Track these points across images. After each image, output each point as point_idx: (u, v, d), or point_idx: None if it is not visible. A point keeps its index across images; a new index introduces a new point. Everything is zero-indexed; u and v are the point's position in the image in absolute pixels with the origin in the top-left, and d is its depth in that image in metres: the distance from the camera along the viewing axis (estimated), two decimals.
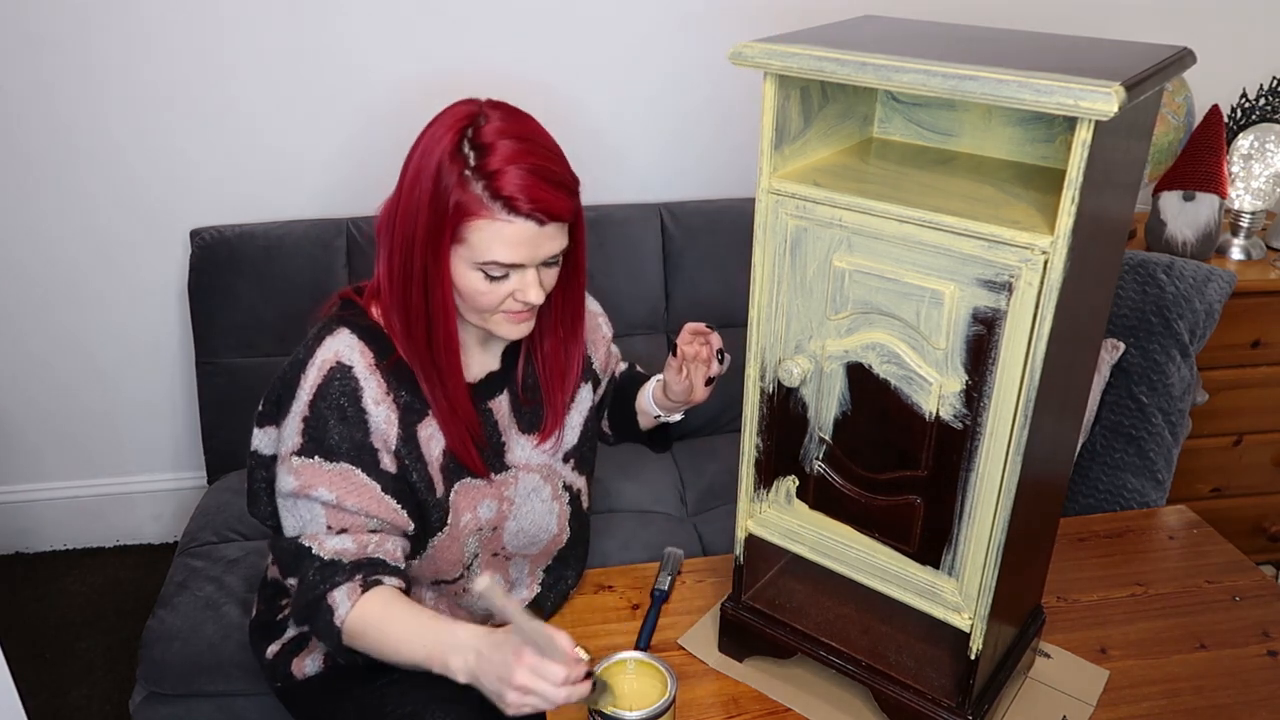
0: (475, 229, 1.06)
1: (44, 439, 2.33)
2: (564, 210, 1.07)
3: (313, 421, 1.11)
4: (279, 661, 1.29)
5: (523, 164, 1.04)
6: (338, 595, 1.10)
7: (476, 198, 1.05)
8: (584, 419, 1.31)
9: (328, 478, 1.11)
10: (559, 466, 1.28)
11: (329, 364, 1.12)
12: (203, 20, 1.99)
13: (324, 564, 1.11)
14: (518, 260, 1.07)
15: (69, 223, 2.13)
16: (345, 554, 1.11)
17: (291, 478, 1.12)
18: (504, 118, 1.08)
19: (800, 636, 1.15)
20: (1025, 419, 0.89)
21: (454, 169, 1.05)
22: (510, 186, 1.04)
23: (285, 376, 1.15)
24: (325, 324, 1.16)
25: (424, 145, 1.08)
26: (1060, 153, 1.02)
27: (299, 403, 1.12)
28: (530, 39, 2.10)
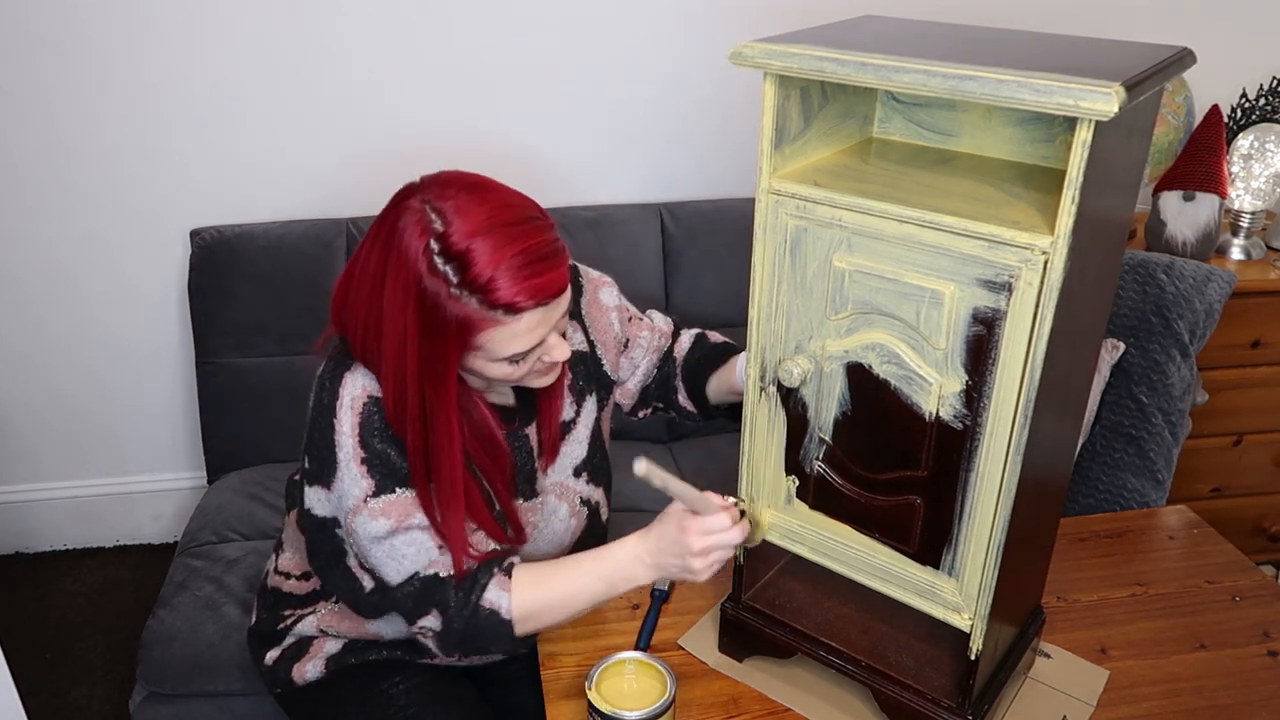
0: (487, 338, 1.02)
1: (44, 439, 2.33)
2: (563, 281, 1.03)
3: (372, 459, 1.07)
4: (278, 668, 1.29)
5: (507, 260, 0.98)
6: (491, 595, 1.08)
7: (477, 312, 0.99)
8: (590, 431, 1.28)
9: (417, 503, 1.08)
10: (571, 482, 1.27)
11: (360, 400, 1.07)
12: (203, 20, 1.99)
13: (459, 581, 1.08)
14: (538, 341, 1.05)
15: (69, 223, 2.13)
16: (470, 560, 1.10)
17: (381, 520, 1.07)
18: (460, 206, 0.99)
19: (800, 636, 1.15)
20: (1025, 419, 0.89)
21: (440, 288, 0.98)
22: (508, 293, 0.98)
23: (318, 428, 1.09)
24: (336, 364, 1.10)
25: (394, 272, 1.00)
26: (1060, 153, 1.02)
27: (344, 450, 1.07)
28: (530, 38, 2.10)
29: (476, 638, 1.09)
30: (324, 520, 1.13)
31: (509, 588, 1.08)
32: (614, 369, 1.32)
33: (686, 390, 1.37)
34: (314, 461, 1.10)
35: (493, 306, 0.99)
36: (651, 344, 1.36)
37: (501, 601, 1.07)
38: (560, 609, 1.10)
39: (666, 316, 1.41)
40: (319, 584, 1.27)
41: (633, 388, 1.37)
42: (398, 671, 1.27)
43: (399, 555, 1.08)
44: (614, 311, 1.31)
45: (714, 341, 1.38)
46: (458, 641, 1.09)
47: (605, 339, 1.31)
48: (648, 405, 1.40)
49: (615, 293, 1.33)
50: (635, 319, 1.35)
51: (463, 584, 1.08)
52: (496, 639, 1.09)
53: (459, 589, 1.08)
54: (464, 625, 1.08)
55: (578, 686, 1.15)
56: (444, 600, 1.08)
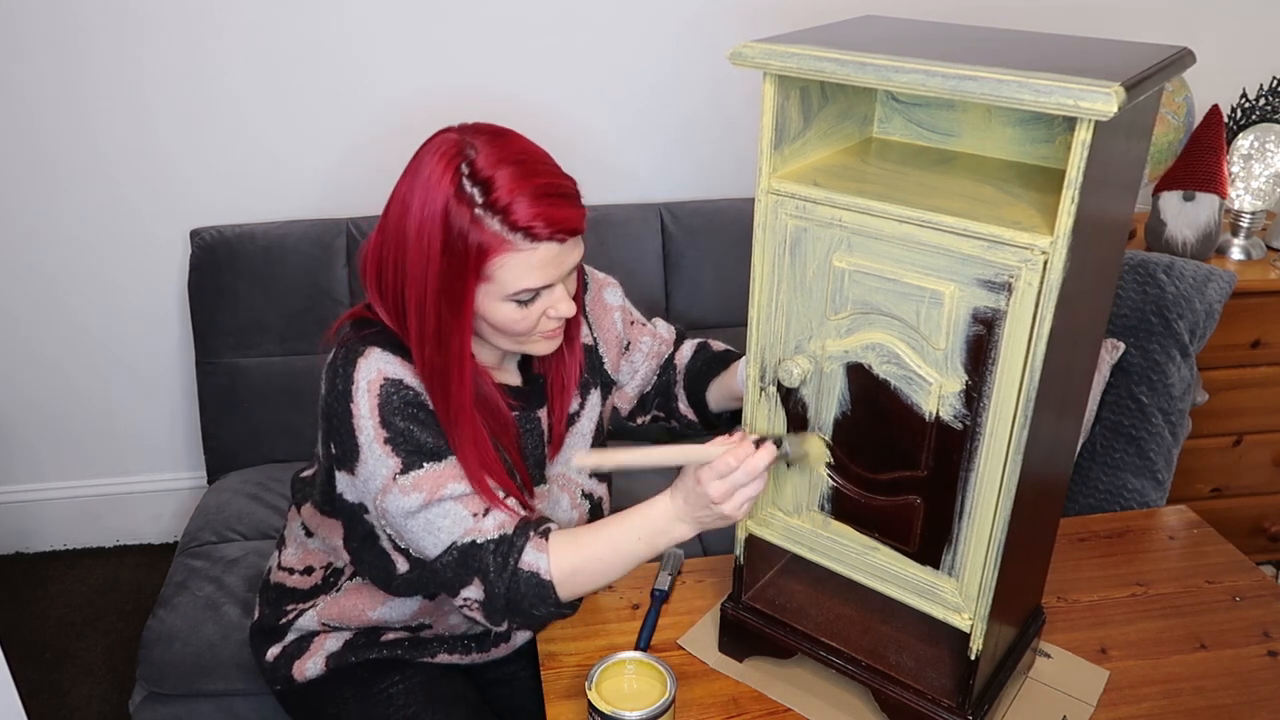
0: (500, 265, 1.04)
1: (44, 439, 2.33)
2: (579, 221, 1.07)
3: (395, 438, 1.08)
4: (279, 664, 1.29)
5: (529, 188, 1.02)
6: (529, 557, 1.07)
7: (495, 234, 1.02)
8: (595, 425, 1.29)
9: (449, 474, 1.09)
10: (574, 474, 1.27)
11: (376, 382, 1.08)
12: (202, 21, 1.99)
13: (497, 542, 1.08)
14: (548, 282, 1.07)
15: (69, 223, 2.13)
16: (506, 525, 1.09)
17: (414, 494, 1.08)
18: (490, 142, 1.05)
19: (800, 636, 1.15)
20: (1025, 419, 0.89)
21: (464, 211, 1.02)
22: (527, 216, 1.02)
23: (334, 414, 1.10)
24: (349, 347, 1.11)
25: (420, 192, 1.04)
26: (1060, 153, 1.02)
27: (366, 434, 1.08)
28: (530, 39, 2.10)
29: (520, 602, 1.08)
30: (353, 506, 1.14)
31: (546, 549, 1.08)
32: (614, 369, 1.33)
33: (687, 397, 1.37)
34: (337, 448, 1.12)
35: (512, 229, 1.02)
36: (652, 350, 1.36)
37: (540, 562, 1.07)
38: (601, 568, 1.09)
39: (670, 325, 1.41)
40: (321, 579, 1.27)
41: (630, 392, 1.37)
42: (398, 670, 1.27)
43: (435, 528, 1.08)
44: (617, 311, 1.32)
45: (716, 349, 1.38)
46: (503, 608, 1.09)
47: (608, 337, 1.31)
48: (647, 412, 1.41)
49: (620, 294, 1.34)
50: (638, 323, 1.36)
51: (500, 548, 1.07)
52: (540, 601, 1.08)
53: (496, 553, 1.07)
54: (505, 589, 1.07)
55: (578, 686, 1.15)
56: (483, 566, 1.07)
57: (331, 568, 1.26)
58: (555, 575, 1.07)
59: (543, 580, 1.07)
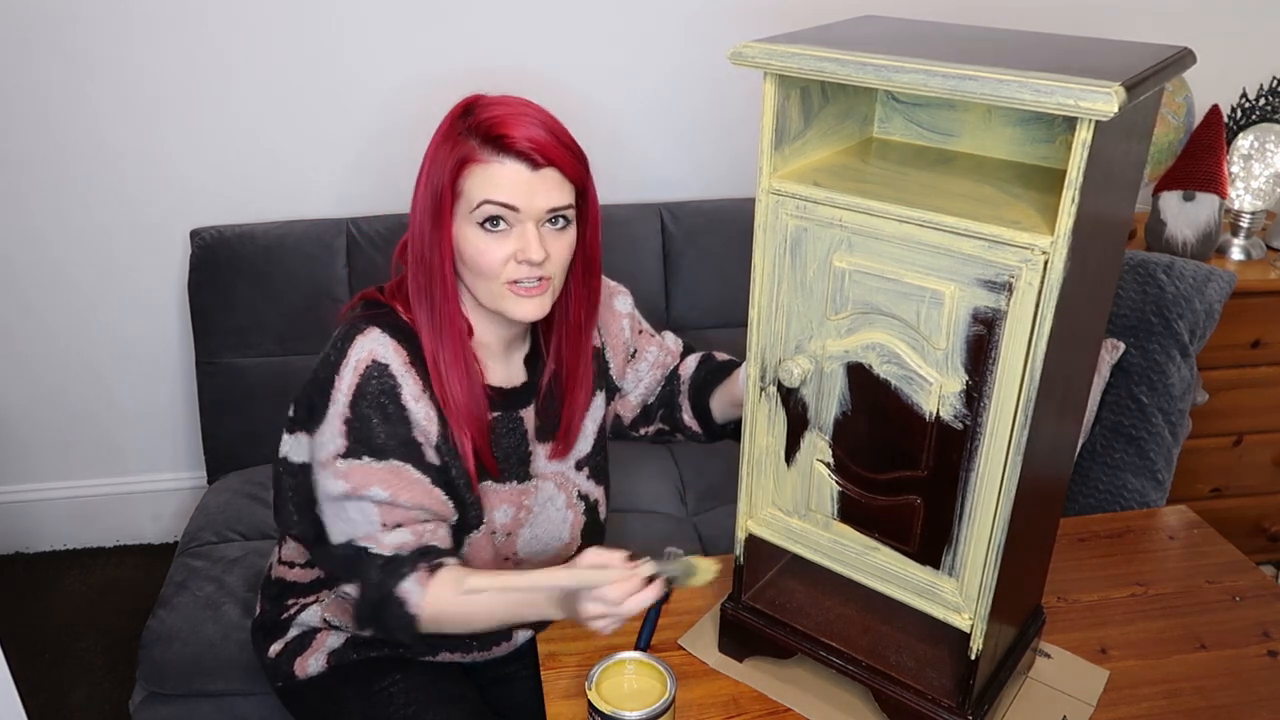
0: (470, 176, 1.07)
1: (44, 439, 2.33)
2: (559, 158, 1.08)
3: (355, 422, 1.10)
4: (281, 661, 1.29)
5: (521, 117, 1.08)
6: (407, 586, 1.09)
7: (471, 147, 1.07)
8: (597, 426, 1.30)
9: (379, 476, 1.10)
10: (572, 474, 1.28)
11: (364, 363, 1.11)
12: (202, 21, 1.99)
13: (386, 561, 1.09)
14: (510, 200, 1.07)
15: (69, 223, 2.13)
16: (405, 547, 1.10)
17: (340, 481, 1.10)
18: (510, 98, 1.12)
19: (800, 636, 1.15)
20: (1025, 419, 0.89)
21: (452, 133, 1.09)
22: (502, 127, 1.06)
23: (317, 380, 1.13)
24: (353, 324, 1.14)
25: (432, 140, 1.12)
26: (1060, 153, 1.02)
27: (337, 405, 1.10)
28: (530, 39, 2.10)
29: (384, 620, 1.11)
30: (300, 466, 1.18)
31: (426, 584, 1.09)
32: (619, 375, 1.34)
33: (691, 407, 1.37)
34: (304, 409, 1.16)
35: (484, 139, 1.07)
36: (658, 360, 1.37)
37: (413, 596, 1.08)
38: (470, 620, 1.11)
39: (678, 339, 1.42)
40: (323, 573, 1.27)
41: (634, 401, 1.38)
42: (399, 669, 1.27)
43: (346, 518, 1.11)
44: (625, 319, 1.34)
45: (720, 359, 1.39)
46: (368, 619, 1.13)
47: (614, 343, 1.32)
48: (650, 423, 1.41)
49: (630, 302, 1.36)
50: (646, 333, 1.38)
51: (386, 566, 1.10)
52: (401, 629, 1.10)
53: (382, 570, 1.09)
54: (373, 605, 1.10)
55: (578, 686, 1.15)
56: (366, 575, 1.10)
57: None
58: (422, 612, 1.09)
59: (408, 613, 1.09)
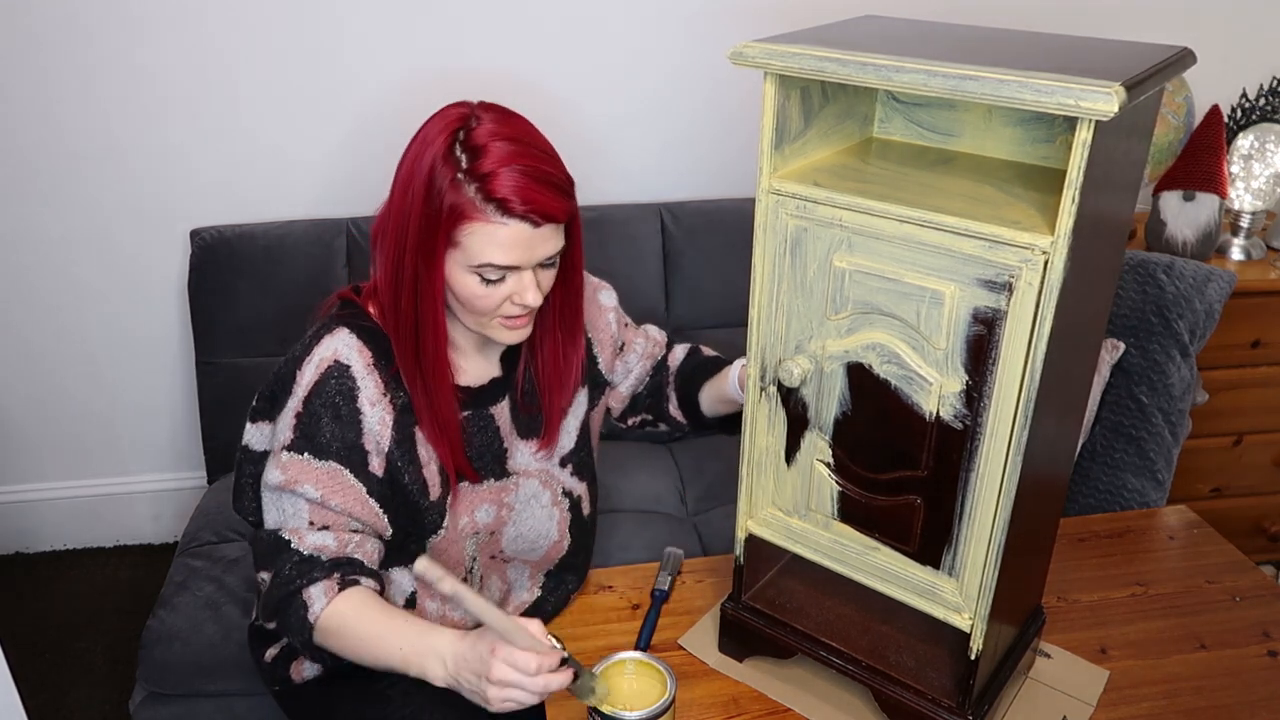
0: (469, 232, 1.05)
1: (44, 439, 2.33)
2: (558, 211, 1.07)
3: (306, 418, 1.11)
4: (277, 665, 1.29)
5: (516, 166, 1.04)
6: (313, 591, 1.08)
7: (470, 201, 1.04)
8: (580, 423, 1.30)
9: (315, 475, 1.11)
10: (556, 471, 1.28)
11: (327, 362, 1.12)
12: (202, 20, 1.99)
13: (302, 559, 1.10)
14: (513, 262, 1.07)
15: (69, 223, 2.13)
16: (325, 550, 1.10)
17: (279, 471, 1.12)
18: (496, 119, 1.07)
19: (800, 636, 1.15)
20: (1025, 419, 0.89)
21: (447, 172, 1.04)
22: (504, 189, 1.03)
23: (281, 373, 1.16)
24: (324, 323, 1.15)
25: (416, 148, 1.08)
26: (1060, 153, 1.02)
27: (294, 399, 1.12)
28: (530, 39, 2.10)
29: (283, 619, 1.10)
30: (260, 454, 1.19)
31: (332, 596, 1.08)
32: (608, 369, 1.34)
33: (678, 399, 1.39)
34: (266, 401, 1.18)
35: (486, 199, 1.04)
36: (646, 351, 1.39)
37: (317, 603, 1.08)
38: (357, 647, 1.08)
39: (660, 330, 1.44)
40: None
41: (624, 392, 1.39)
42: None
43: (277, 507, 1.13)
44: (611, 313, 1.34)
45: (707, 354, 1.40)
46: (270, 610, 1.12)
47: (602, 338, 1.33)
48: (637, 413, 1.42)
49: (614, 297, 1.37)
50: (630, 326, 1.39)
51: (300, 566, 1.09)
52: (297, 632, 1.09)
53: (295, 566, 1.09)
54: (278, 600, 1.10)
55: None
56: (280, 566, 1.10)
57: None
58: (319, 623, 1.08)
59: (305, 619, 1.08)
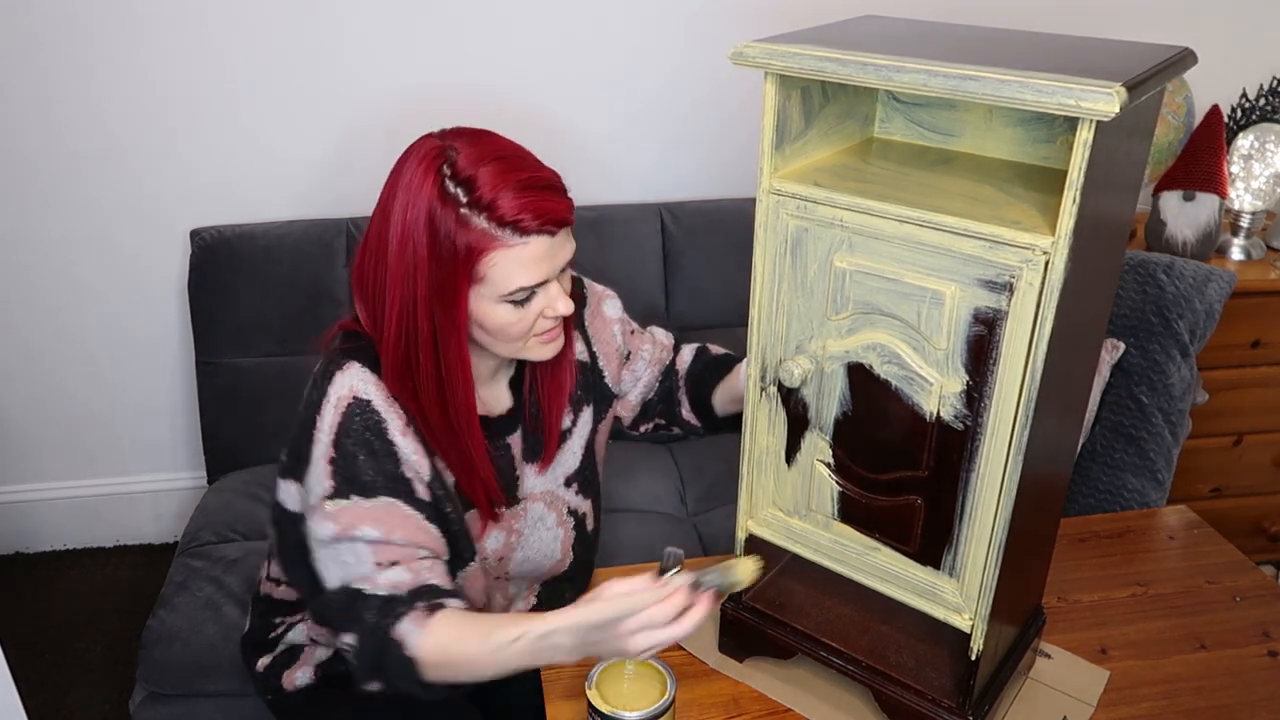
0: (492, 263, 1.03)
1: (44, 439, 2.33)
2: (565, 212, 1.06)
3: (340, 462, 1.06)
4: (269, 674, 1.29)
5: (513, 181, 1.02)
6: (404, 627, 1.03)
7: (483, 231, 1.01)
8: (585, 443, 1.28)
9: (369, 515, 1.06)
10: (561, 491, 1.27)
11: (345, 400, 1.07)
12: (202, 21, 1.99)
13: (383, 601, 1.04)
14: (541, 278, 1.05)
15: (69, 223, 2.13)
16: (401, 585, 1.05)
17: (329, 523, 1.06)
18: (470, 143, 1.05)
19: (800, 636, 1.15)
20: (1026, 419, 0.89)
21: (449, 213, 1.01)
22: (513, 209, 1.01)
23: (301, 423, 1.10)
24: (330, 359, 1.10)
25: (402, 196, 1.03)
26: (1061, 153, 1.02)
27: (320, 446, 1.07)
28: (530, 39, 2.10)
29: (385, 669, 1.05)
30: (295, 515, 1.13)
31: (425, 625, 1.03)
32: (615, 381, 1.33)
33: (690, 402, 1.37)
34: (291, 456, 1.11)
35: (500, 224, 1.01)
36: (654, 357, 1.37)
37: (411, 638, 1.02)
38: (473, 666, 1.03)
39: (667, 333, 1.41)
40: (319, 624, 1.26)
41: (634, 400, 1.37)
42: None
43: (339, 561, 1.07)
44: (617, 324, 1.33)
45: (716, 353, 1.38)
46: (369, 668, 1.06)
47: (608, 351, 1.31)
48: (649, 419, 1.40)
49: (618, 306, 1.34)
50: (637, 333, 1.36)
51: (383, 607, 1.04)
52: (403, 676, 1.04)
53: (379, 610, 1.04)
54: (371, 650, 1.04)
55: (578, 686, 1.15)
56: (361, 619, 1.05)
57: None
58: (421, 655, 1.02)
59: (406, 657, 1.03)
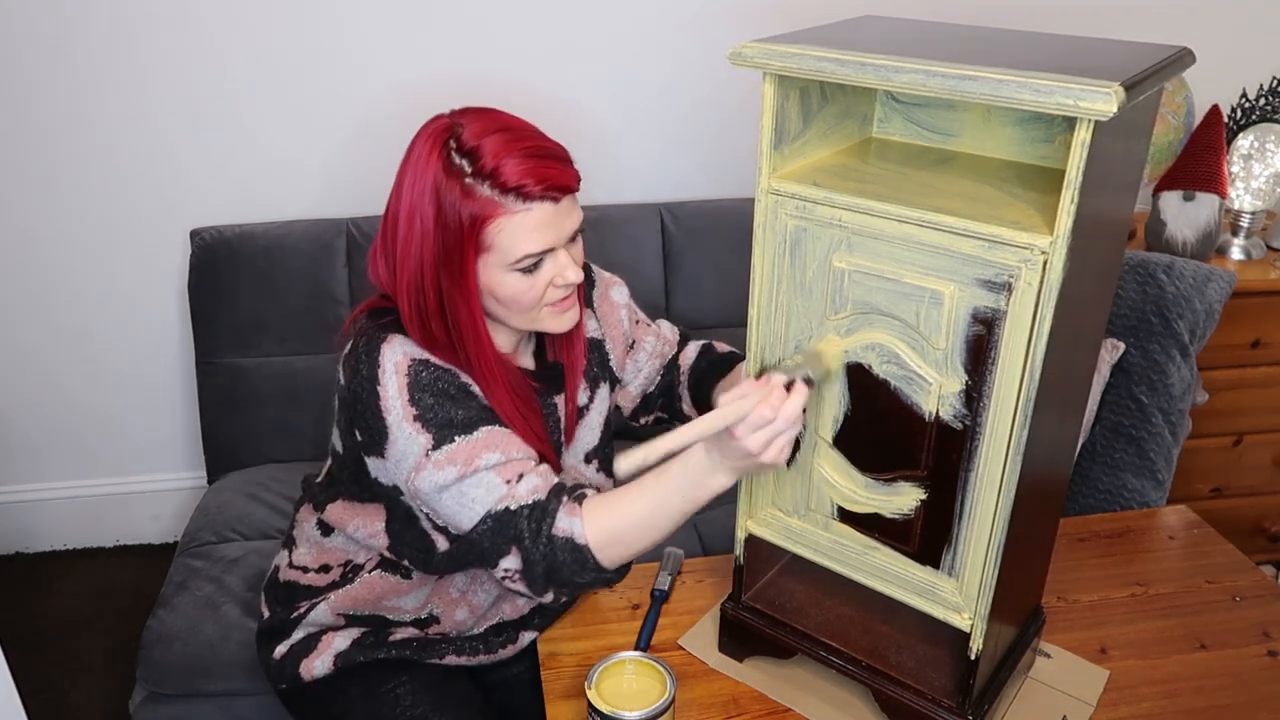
0: (497, 230, 1.05)
1: (44, 439, 2.33)
2: (570, 180, 1.08)
3: (426, 414, 1.07)
4: (286, 662, 1.28)
5: (516, 151, 1.04)
6: (563, 523, 1.05)
7: (488, 199, 1.04)
8: (604, 418, 1.30)
9: (483, 444, 1.07)
10: (583, 468, 1.28)
11: (404, 365, 1.08)
12: (202, 21, 1.99)
13: (530, 508, 1.06)
14: (547, 245, 1.07)
15: (69, 223, 2.13)
16: (539, 490, 1.07)
17: (449, 467, 1.06)
18: (478, 118, 1.07)
19: (800, 636, 1.15)
20: (1025, 419, 0.89)
21: (454, 183, 1.04)
22: (515, 176, 1.03)
23: (359, 400, 1.10)
24: (369, 337, 1.11)
25: (410, 173, 1.07)
26: (1060, 153, 1.02)
27: (395, 414, 1.07)
28: (531, 39, 2.10)
29: (559, 570, 1.06)
30: (388, 489, 1.14)
31: (579, 514, 1.05)
32: (619, 366, 1.34)
33: (692, 398, 1.37)
34: (364, 434, 1.11)
35: (504, 191, 1.03)
36: (656, 350, 1.37)
37: (574, 528, 1.05)
38: (641, 530, 1.06)
39: (674, 327, 1.42)
40: (340, 575, 1.26)
41: (634, 391, 1.38)
42: (405, 671, 1.27)
43: (469, 500, 1.07)
44: (623, 309, 1.34)
45: (720, 351, 1.38)
46: (543, 576, 1.07)
47: (614, 334, 1.32)
48: (649, 412, 1.41)
49: (626, 293, 1.36)
50: (643, 323, 1.37)
51: (534, 513, 1.05)
52: (580, 568, 1.05)
53: (531, 519, 1.05)
54: (543, 558, 1.05)
55: (578, 686, 1.15)
56: (519, 533, 1.06)
57: (350, 564, 1.26)
58: (591, 540, 1.05)
59: (578, 545, 1.05)
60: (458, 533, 1.10)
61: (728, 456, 1.02)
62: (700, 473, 1.05)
